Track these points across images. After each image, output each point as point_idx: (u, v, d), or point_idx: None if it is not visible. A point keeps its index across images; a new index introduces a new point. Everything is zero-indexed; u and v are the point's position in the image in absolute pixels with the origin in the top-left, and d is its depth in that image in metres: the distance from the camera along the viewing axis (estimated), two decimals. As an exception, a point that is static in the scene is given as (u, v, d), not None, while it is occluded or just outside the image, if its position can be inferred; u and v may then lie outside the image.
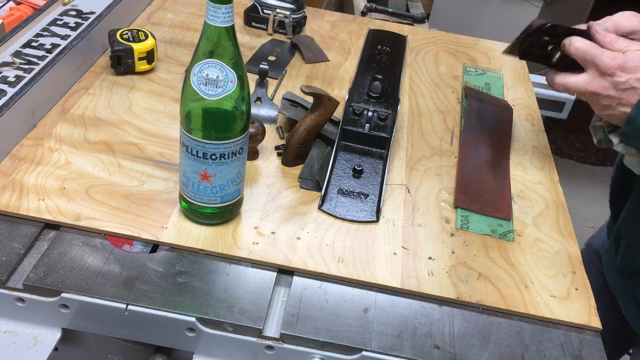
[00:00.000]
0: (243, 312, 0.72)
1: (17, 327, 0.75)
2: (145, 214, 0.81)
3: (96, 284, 0.73)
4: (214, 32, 0.69)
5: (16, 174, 0.85)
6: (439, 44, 1.33)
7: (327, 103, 0.90)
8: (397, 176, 0.95)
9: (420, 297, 0.78)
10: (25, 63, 0.95)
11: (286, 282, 0.78)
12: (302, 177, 0.91)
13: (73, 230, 0.79)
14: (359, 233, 0.84)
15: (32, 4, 1.21)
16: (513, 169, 1.00)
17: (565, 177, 1.00)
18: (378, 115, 0.96)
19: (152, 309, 0.71)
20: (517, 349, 0.73)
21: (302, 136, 0.92)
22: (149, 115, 0.99)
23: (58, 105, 0.98)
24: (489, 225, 0.89)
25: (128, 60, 1.05)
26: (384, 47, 1.18)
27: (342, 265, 0.79)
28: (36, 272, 0.73)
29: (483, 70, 1.25)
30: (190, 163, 0.76)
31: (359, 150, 0.95)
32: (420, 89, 1.17)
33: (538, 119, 1.14)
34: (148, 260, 0.77)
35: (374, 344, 0.71)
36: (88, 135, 0.93)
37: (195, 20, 1.26)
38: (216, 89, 0.71)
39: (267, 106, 1.04)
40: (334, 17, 1.37)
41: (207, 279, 0.76)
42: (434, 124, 1.08)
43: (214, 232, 0.81)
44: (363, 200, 0.88)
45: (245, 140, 0.76)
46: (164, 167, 0.89)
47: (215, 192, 0.77)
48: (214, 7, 0.67)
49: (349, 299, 0.76)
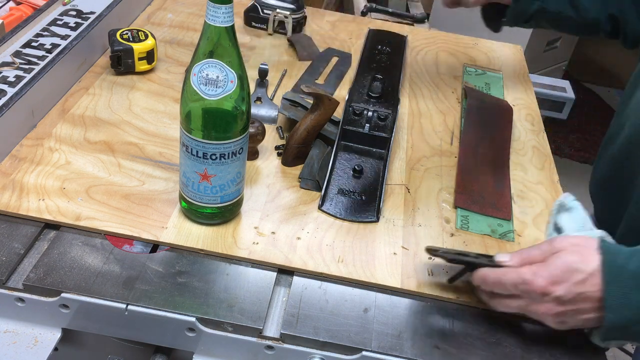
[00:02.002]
0: (243, 312, 0.72)
1: (17, 327, 0.75)
2: (145, 214, 0.81)
3: (96, 284, 0.73)
4: (214, 32, 0.69)
5: (16, 174, 0.85)
6: (439, 44, 1.33)
7: (327, 103, 0.90)
8: (397, 176, 0.95)
9: (420, 297, 0.78)
10: (25, 63, 0.95)
11: (286, 282, 0.78)
12: (302, 177, 0.91)
13: (73, 230, 0.79)
14: (359, 233, 0.84)
15: (32, 4, 1.21)
16: (513, 169, 1.00)
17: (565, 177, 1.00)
18: (378, 115, 0.96)
19: (152, 309, 0.71)
20: (517, 349, 0.73)
21: (302, 136, 0.92)
22: (149, 115, 0.99)
23: (58, 105, 0.98)
24: (489, 225, 0.89)
25: (128, 60, 1.05)
26: (384, 47, 1.18)
27: (342, 265, 0.79)
28: (36, 272, 0.73)
29: (483, 70, 1.25)
30: (190, 163, 0.76)
31: (359, 150, 0.95)
32: (420, 89, 1.17)
33: (538, 119, 1.14)
34: (148, 260, 0.77)
35: (374, 344, 0.71)
36: (88, 135, 0.93)
37: (195, 20, 1.26)
38: (216, 89, 0.71)
39: (267, 106, 1.04)
40: (334, 17, 1.37)
41: (207, 279, 0.76)
42: (434, 124, 1.08)
43: (214, 232, 0.81)
44: (363, 200, 0.88)
45: (245, 140, 0.76)
46: (164, 167, 0.90)
47: (215, 192, 0.77)
48: (214, 7, 0.67)
49: (349, 299, 0.76)
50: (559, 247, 0.70)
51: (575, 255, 0.68)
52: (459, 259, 0.75)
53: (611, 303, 0.66)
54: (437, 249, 0.78)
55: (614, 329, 0.67)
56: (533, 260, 0.70)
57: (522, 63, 1.31)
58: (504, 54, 1.32)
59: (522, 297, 0.69)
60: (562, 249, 0.69)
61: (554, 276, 0.67)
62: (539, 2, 1.04)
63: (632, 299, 0.66)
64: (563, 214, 0.81)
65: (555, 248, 0.70)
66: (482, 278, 0.72)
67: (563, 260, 0.68)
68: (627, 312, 0.66)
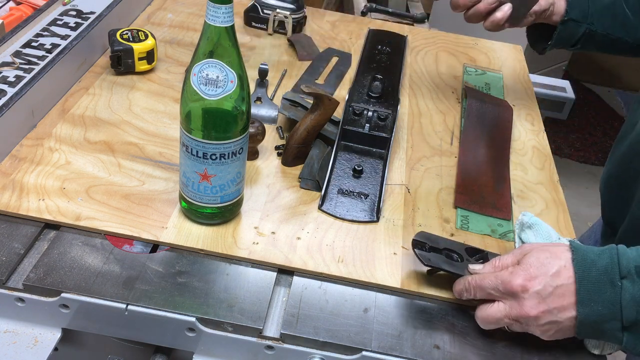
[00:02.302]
0: (243, 312, 0.72)
1: (17, 327, 0.75)
2: (145, 214, 0.81)
3: (96, 284, 0.73)
4: (214, 32, 0.69)
5: (16, 174, 0.85)
6: (439, 44, 1.33)
7: (327, 103, 0.90)
8: (397, 176, 0.95)
9: (420, 297, 0.78)
10: (25, 63, 0.95)
11: (286, 282, 0.78)
12: (302, 177, 0.91)
13: (73, 230, 0.79)
14: (359, 233, 0.84)
15: (32, 4, 1.21)
16: (513, 169, 1.00)
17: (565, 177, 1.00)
18: (378, 115, 0.96)
19: (152, 309, 0.71)
20: (517, 349, 0.73)
21: (302, 136, 0.92)
22: (149, 115, 0.99)
23: (58, 105, 0.98)
24: (489, 225, 0.89)
25: (128, 60, 1.05)
26: (384, 47, 1.18)
27: (342, 265, 0.79)
28: (36, 272, 0.73)
29: (483, 70, 1.25)
30: (190, 163, 0.76)
31: (359, 150, 0.95)
32: (420, 89, 1.17)
33: (538, 119, 1.14)
34: (148, 260, 0.77)
35: (374, 344, 0.71)
36: (88, 135, 0.93)
37: (195, 20, 1.26)
38: (216, 89, 0.71)
39: (267, 106, 1.04)
40: (334, 17, 1.37)
41: (207, 279, 0.76)
42: (434, 124, 1.08)
43: (214, 232, 0.81)
44: (363, 200, 0.88)
45: (245, 140, 0.76)
46: (164, 167, 0.90)
47: (215, 192, 0.77)
48: (214, 7, 0.67)
49: (349, 299, 0.76)
50: (530, 249, 0.72)
51: (546, 253, 0.70)
52: (437, 266, 0.76)
53: (583, 297, 0.67)
54: (424, 243, 0.77)
55: (586, 323, 0.68)
56: (506, 265, 0.72)
57: (522, 63, 1.31)
58: (504, 54, 1.32)
59: (504, 300, 0.70)
60: (532, 249, 0.72)
61: (529, 273, 0.69)
62: (587, 24, 1.01)
63: (604, 294, 0.67)
64: (526, 231, 0.82)
65: (526, 250, 0.72)
66: (463, 286, 0.74)
67: (535, 257, 0.70)
68: (599, 307, 0.67)
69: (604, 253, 0.69)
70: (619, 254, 0.68)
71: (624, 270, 0.67)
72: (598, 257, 0.68)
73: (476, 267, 0.74)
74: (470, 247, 0.80)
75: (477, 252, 0.80)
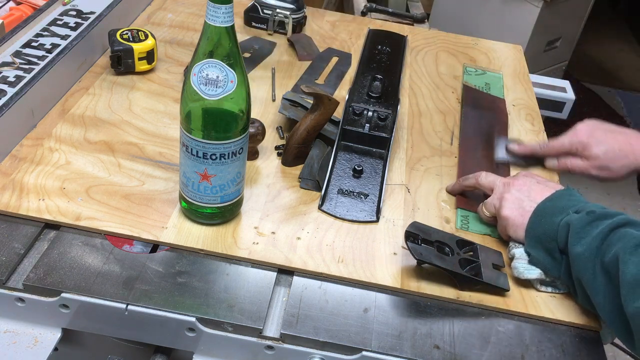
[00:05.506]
0: (243, 312, 0.72)
1: (17, 327, 0.75)
2: (145, 214, 0.81)
3: (96, 284, 0.73)
4: (214, 32, 0.69)
5: (16, 174, 0.85)
6: (439, 44, 1.33)
7: (327, 103, 0.90)
8: (397, 176, 0.95)
9: (420, 297, 0.78)
10: (25, 63, 0.95)
11: (286, 282, 0.78)
12: (302, 177, 0.91)
13: (73, 230, 0.79)
14: (359, 233, 0.84)
15: (32, 4, 1.21)
16: (513, 169, 1.00)
17: (566, 177, 1.00)
18: (378, 115, 0.96)
19: (152, 309, 0.71)
20: (517, 349, 0.73)
21: (302, 136, 0.92)
22: (149, 115, 0.99)
23: (58, 105, 0.98)
24: (489, 225, 0.88)
25: (128, 60, 1.05)
26: (384, 47, 1.18)
27: (342, 265, 0.79)
28: (36, 272, 0.73)
29: (483, 70, 1.25)
30: (190, 163, 0.76)
31: (359, 150, 0.95)
32: (420, 89, 1.17)
33: (538, 119, 1.14)
34: (148, 260, 0.77)
35: (374, 344, 0.71)
36: (88, 135, 0.93)
37: (195, 20, 1.26)
38: (216, 89, 0.71)
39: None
40: (334, 17, 1.37)
41: (207, 279, 0.76)
42: (434, 124, 1.08)
43: (214, 232, 0.81)
44: (363, 200, 0.88)
45: (245, 140, 0.76)
46: (164, 167, 0.90)
47: (215, 192, 0.77)
48: (214, 7, 0.67)
49: (349, 299, 0.76)
50: None
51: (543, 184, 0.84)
52: (428, 261, 0.76)
53: (540, 208, 0.79)
54: (416, 235, 0.78)
55: (531, 231, 0.78)
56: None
57: (522, 63, 1.31)
58: (504, 54, 1.32)
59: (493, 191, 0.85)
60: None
61: (516, 179, 0.85)
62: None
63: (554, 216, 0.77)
64: None
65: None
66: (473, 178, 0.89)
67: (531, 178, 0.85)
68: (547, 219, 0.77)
69: (585, 202, 0.78)
70: (590, 205, 0.76)
71: (581, 208, 0.76)
72: (577, 198, 0.79)
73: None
74: (461, 239, 0.82)
75: (467, 244, 0.82)
